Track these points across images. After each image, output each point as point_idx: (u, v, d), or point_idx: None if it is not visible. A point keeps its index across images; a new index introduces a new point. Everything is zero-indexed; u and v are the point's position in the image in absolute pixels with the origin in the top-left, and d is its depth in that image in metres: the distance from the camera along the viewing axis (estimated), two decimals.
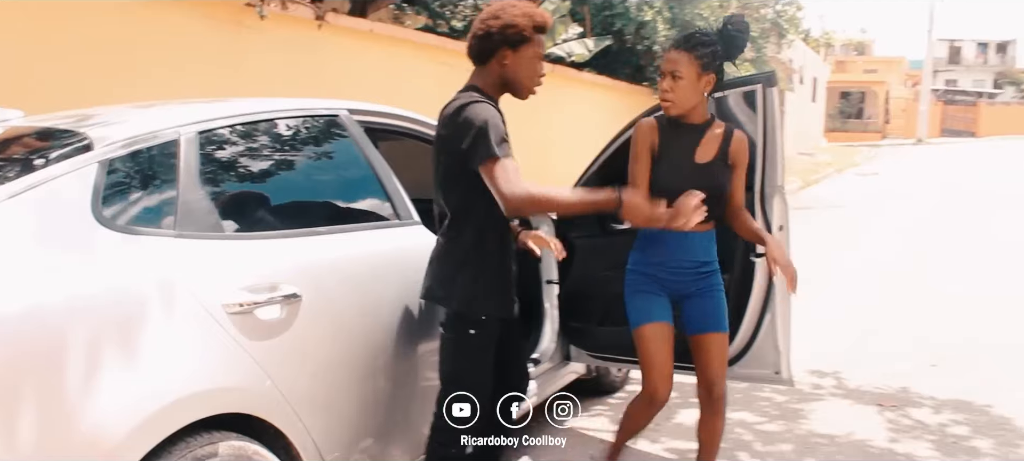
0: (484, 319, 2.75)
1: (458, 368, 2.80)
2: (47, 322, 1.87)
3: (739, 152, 3.05)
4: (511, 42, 2.80)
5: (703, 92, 2.98)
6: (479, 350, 2.79)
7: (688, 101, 2.96)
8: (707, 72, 2.94)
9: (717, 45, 2.96)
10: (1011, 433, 4.26)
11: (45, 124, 2.52)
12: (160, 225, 2.25)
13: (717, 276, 3.13)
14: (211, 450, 2.10)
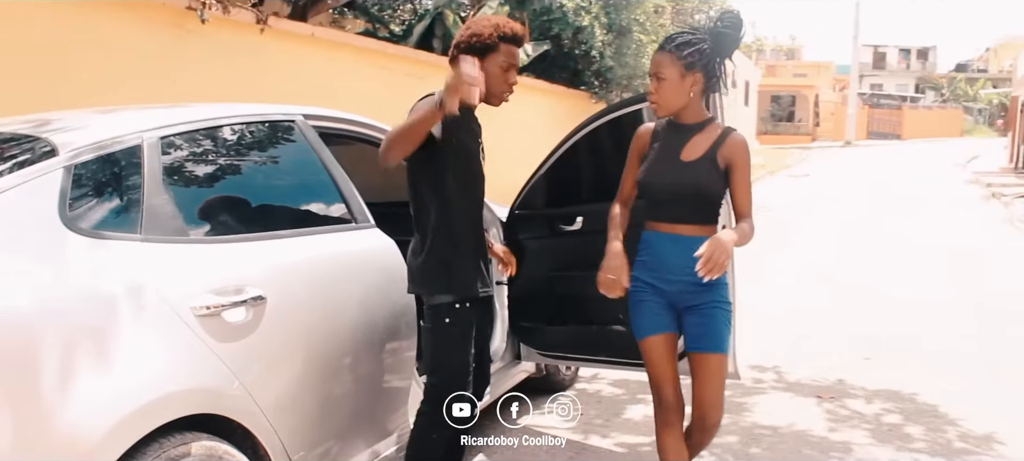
0: (450, 304, 2.88)
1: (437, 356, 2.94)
2: (20, 326, 1.89)
3: (733, 153, 2.89)
4: (477, 51, 2.92)
5: (689, 92, 2.88)
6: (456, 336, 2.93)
7: (673, 101, 2.90)
8: (692, 71, 2.86)
9: (702, 44, 2.87)
10: (939, 419, 4.47)
11: (3, 129, 2.51)
12: (126, 229, 2.27)
13: (720, 291, 2.96)
14: (184, 450, 2.13)
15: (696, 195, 2.89)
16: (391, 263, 3.19)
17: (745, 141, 2.95)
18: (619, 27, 15.77)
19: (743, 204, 2.93)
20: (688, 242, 2.83)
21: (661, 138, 2.99)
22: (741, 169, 2.91)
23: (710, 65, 2.89)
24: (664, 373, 2.96)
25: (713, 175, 2.89)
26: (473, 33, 2.96)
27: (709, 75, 2.91)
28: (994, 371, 5.39)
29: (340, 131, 3.40)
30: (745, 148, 2.93)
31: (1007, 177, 23.86)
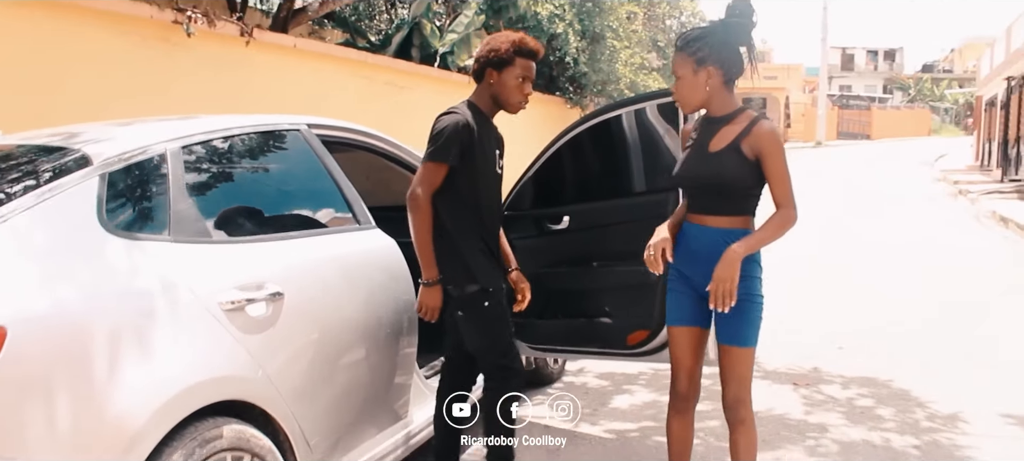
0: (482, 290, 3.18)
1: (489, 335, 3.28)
2: (72, 321, 2.06)
3: (759, 142, 2.86)
4: (495, 64, 3.25)
5: (705, 86, 2.92)
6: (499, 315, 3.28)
7: (692, 97, 2.96)
8: (703, 66, 2.90)
9: (711, 38, 2.92)
10: (909, 402, 4.72)
11: (34, 142, 2.68)
12: (156, 231, 2.45)
13: (747, 283, 2.91)
14: (217, 433, 2.31)
15: (719, 186, 2.91)
16: (393, 262, 3.39)
17: (773, 129, 2.92)
18: (593, 34, 16.03)
19: (776, 193, 2.90)
20: (714, 233, 2.92)
21: (697, 132, 3.05)
22: (770, 157, 2.87)
23: (723, 57, 2.92)
24: (680, 363, 3.09)
25: (737, 165, 2.88)
26: (491, 48, 3.28)
27: (725, 66, 2.93)
28: (959, 358, 5.67)
29: (340, 139, 3.59)
30: (773, 136, 2.89)
31: (973, 175, 24.40)
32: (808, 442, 4.15)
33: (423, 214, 3.14)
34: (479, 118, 3.27)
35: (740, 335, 2.95)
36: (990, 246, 11.33)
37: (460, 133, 3.14)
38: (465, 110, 3.25)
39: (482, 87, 3.36)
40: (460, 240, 3.20)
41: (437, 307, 3.21)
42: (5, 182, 2.33)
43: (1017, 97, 21.94)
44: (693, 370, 3.10)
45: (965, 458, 3.93)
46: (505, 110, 3.38)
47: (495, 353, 3.29)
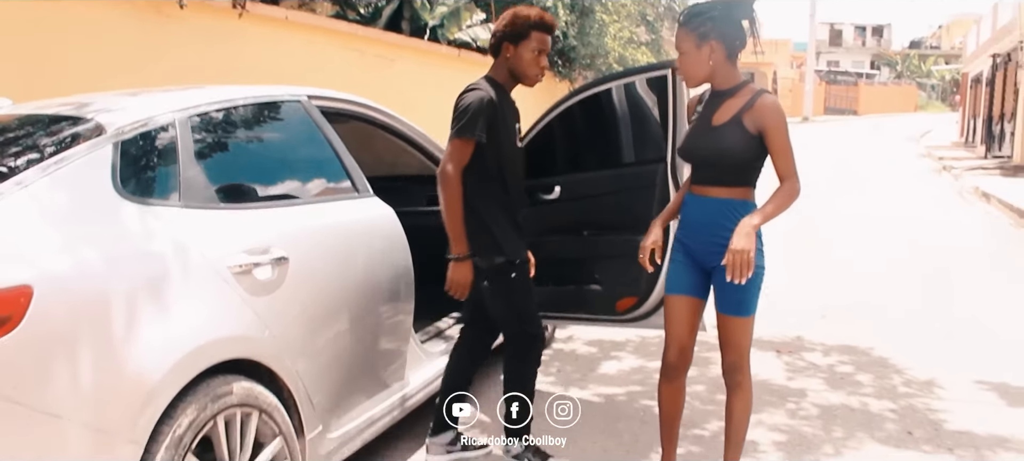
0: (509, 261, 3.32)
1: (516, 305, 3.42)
2: (92, 281, 2.17)
3: (761, 116, 2.92)
4: (511, 38, 3.35)
5: (708, 61, 2.98)
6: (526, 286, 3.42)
7: (695, 71, 3.03)
8: (706, 41, 2.96)
9: (712, 12, 2.97)
10: (887, 369, 4.89)
11: (47, 111, 2.78)
12: (167, 197, 2.55)
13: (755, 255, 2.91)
14: (227, 389, 2.43)
15: (719, 158, 2.98)
16: (391, 230, 3.51)
17: (776, 103, 2.97)
18: (582, 7, 16.10)
19: (780, 165, 2.96)
20: (714, 203, 3.01)
21: (703, 105, 3.14)
22: (772, 131, 2.92)
23: (725, 31, 2.97)
24: (673, 331, 3.16)
25: (738, 138, 2.94)
26: (507, 23, 3.37)
27: (728, 40, 2.98)
28: (937, 329, 5.83)
29: (339, 110, 3.68)
30: (775, 109, 2.94)
31: (958, 151, 24.64)
32: (789, 406, 4.31)
33: (454, 190, 3.22)
34: (499, 92, 3.38)
35: (743, 305, 3.05)
36: (972, 221, 11.52)
37: (485, 108, 3.24)
38: (486, 85, 3.35)
39: (499, 61, 3.44)
40: (486, 213, 3.31)
41: (467, 283, 3.29)
42: (23, 150, 2.43)
43: (1002, 74, 22.14)
44: (685, 339, 3.16)
45: (939, 421, 4.09)
46: (522, 83, 3.48)
47: (520, 321, 3.43)
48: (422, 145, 4.22)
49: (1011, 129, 20.36)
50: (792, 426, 4.04)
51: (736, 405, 3.18)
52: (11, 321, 1.92)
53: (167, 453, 2.21)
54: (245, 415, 2.51)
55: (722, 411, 4.00)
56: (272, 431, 2.63)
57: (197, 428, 2.30)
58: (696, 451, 3.77)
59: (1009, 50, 20.87)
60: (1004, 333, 5.72)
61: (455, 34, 12.98)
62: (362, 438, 3.25)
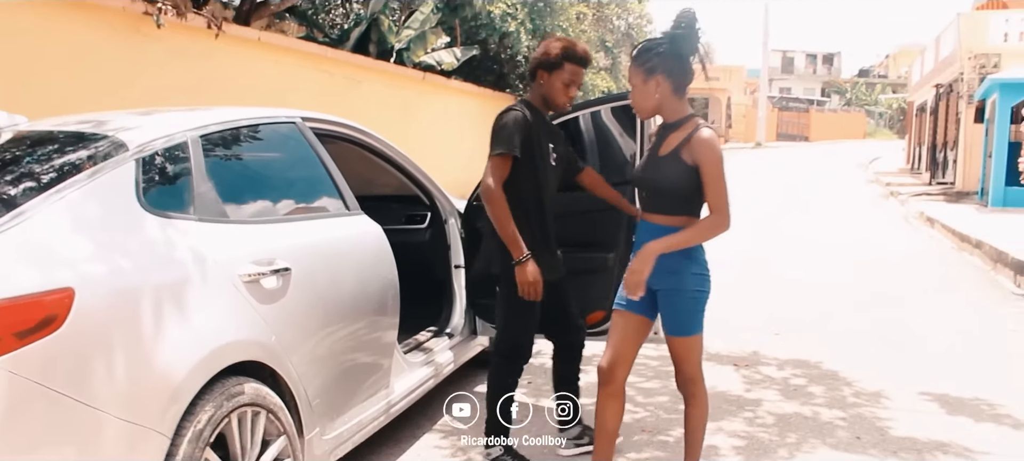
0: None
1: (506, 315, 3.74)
2: (124, 286, 2.36)
3: (695, 150, 3.05)
4: (546, 66, 3.65)
5: (655, 94, 3.15)
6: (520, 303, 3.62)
7: (644, 104, 3.21)
8: (652, 75, 3.13)
9: (659, 48, 3.13)
10: (838, 381, 5.20)
11: (69, 128, 2.96)
12: (184, 210, 2.76)
13: (683, 279, 3.16)
14: (239, 389, 2.63)
15: (659, 189, 3.17)
16: (379, 245, 3.73)
17: (708, 138, 3.08)
18: (543, 32, 16.42)
19: (709, 198, 3.08)
20: (657, 229, 3.16)
21: (655, 136, 3.33)
22: (704, 164, 3.05)
23: (671, 66, 3.13)
24: (612, 342, 3.31)
25: (676, 170, 3.10)
26: (544, 52, 3.68)
27: (673, 75, 3.14)
28: (884, 344, 6.19)
29: (328, 131, 3.90)
30: (707, 144, 3.06)
31: (904, 177, 25.42)
32: (746, 414, 4.59)
33: (500, 202, 3.52)
34: (535, 114, 3.68)
35: (684, 326, 3.22)
36: (916, 245, 12.01)
37: (520, 127, 3.55)
38: (523, 107, 3.66)
39: (534, 86, 3.74)
40: (523, 225, 3.57)
41: (539, 279, 3.56)
42: (53, 164, 2.61)
43: (945, 104, 22.94)
44: (621, 351, 3.29)
45: (885, 428, 4.39)
46: (553, 108, 3.76)
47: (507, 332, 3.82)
48: (403, 166, 4.44)
49: (953, 157, 21.11)
50: (750, 433, 4.32)
51: (693, 413, 3.39)
52: (57, 320, 2.12)
53: (189, 446, 2.41)
54: (255, 414, 2.71)
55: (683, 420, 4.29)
56: (277, 430, 2.83)
57: (214, 424, 2.50)
58: (661, 456, 4.02)
59: (951, 81, 21.65)
60: (946, 348, 6.10)
61: (421, 57, 13.23)
62: (353, 441, 3.45)
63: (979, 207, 16.08)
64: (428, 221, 5.01)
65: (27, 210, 2.29)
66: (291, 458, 2.91)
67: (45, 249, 2.25)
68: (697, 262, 3.20)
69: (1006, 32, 19.33)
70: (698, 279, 3.20)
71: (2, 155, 2.81)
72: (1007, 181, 16.02)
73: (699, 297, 3.21)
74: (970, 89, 19.08)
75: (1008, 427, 4.45)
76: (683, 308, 3.19)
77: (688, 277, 3.17)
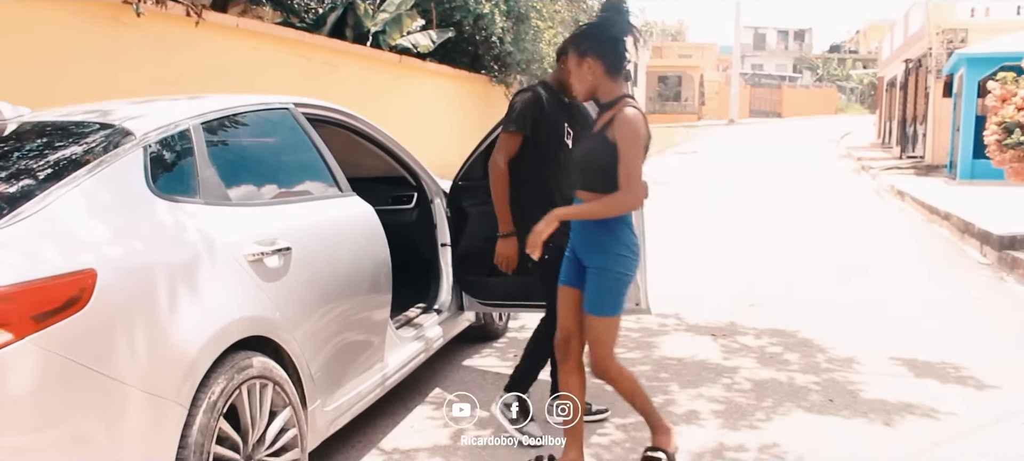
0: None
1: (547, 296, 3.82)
2: (140, 266, 2.50)
3: (616, 128, 3.15)
4: (564, 52, 3.81)
5: (587, 76, 3.27)
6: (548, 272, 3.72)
7: (578, 86, 3.35)
8: (585, 58, 3.25)
9: (589, 32, 3.29)
10: (812, 349, 5.42)
11: (76, 118, 3.08)
12: (190, 194, 2.89)
13: (602, 257, 3.26)
14: (248, 363, 2.78)
15: (584, 165, 3.31)
16: (371, 225, 3.88)
17: (629, 116, 3.16)
18: (518, 14, 16.53)
19: (619, 173, 3.15)
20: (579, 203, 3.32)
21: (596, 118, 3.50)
22: (620, 141, 3.14)
23: (602, 49, 3.25)
24: (559, 321, 3.49)
25: (601, 149, 3.21)
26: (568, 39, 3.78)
27: (605, 57, 3.25)
28: (855, 313, 6.42)
29: (319, 116, 4.02)
30: (624, 122, 3.15)
31: (875, 152, 25.82)
32: (725, 381, 4.79)
33: (502, 177, 3.81)
34: (550, 94, 3.87)
35: (596, 304, 3.29)
36: (888, 218, 12.30)
37: (532, 107, 3.78)
38: (538, 88, 3.86)
39: (556, 70, 3.94)
40: (527, 202, 3.78)
41: (514, 256, 3.85)
42: (67, 153, 2.74)
43: (914, 79, 23.28)
44: (567, 324, 3.45)
45: (856, 391, 4.61)
46: (565, 94, 3.93)
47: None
48: (390, 148, 4.58)
49: (923, 131, 21.48)
50: (728, 398, 4.51)
51: (620, 393, 3.49)
52: (82, 300, 2.25)
53: (204, 416, 2.55)
54: (263, 386, 2.86)
55: (666, 388, 4.51)
56: (283, 401, 2.98)
57: (227, 396, 2.65)
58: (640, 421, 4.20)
59: (920, 56, 22.00)
60: (915, 316, 6.35)
61: (396, 40, 13.30)
62: (351, 412, 3.61)
63: (948, 180, 16.40)
64: (415, 201, 5.15)
65: (48, 197, 2.42)
66: (296, 428, 3.05)
67: (66, 233, 2.38)
68: (622, 243, 3.28)
69: (973, 7, 19.68)
70: (623, 261, 3.28)
71: (16, 145, 2.94)
72: (974, 154, 16.30)
73: (621, 279, 3.29)
74: (938, 64, 19.40)
75: (972, 389, 4.68)
76: (604, 287, 3.28)
77: (613, 257, 3.27)
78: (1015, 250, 8.47)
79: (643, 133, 3.18)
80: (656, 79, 46.15)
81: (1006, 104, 8.75)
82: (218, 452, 2.64)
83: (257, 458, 2.86)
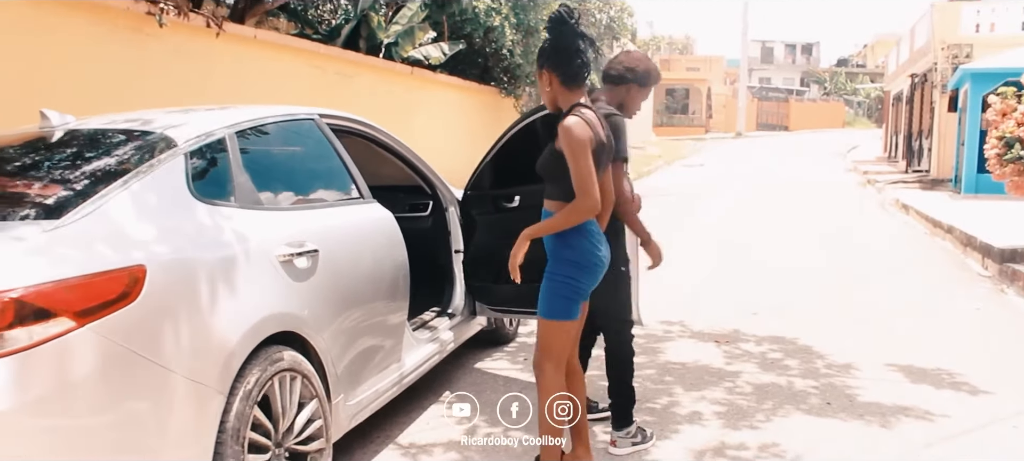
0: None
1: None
2: (184, 263, 2.71)
3: (560, 137, 3.24)
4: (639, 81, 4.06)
5: (547, 87, 3.40)
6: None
7: (545, 97, 3.47)
8: (542, 72, 3.38)
9: (543, 48, 3.40)
10: (811, 355, 5.60)
11: (119, 126, 3.30)
12: (226, 198, 3.10)
13: (555, 264, 3.38)
14: (280, 356, 2.99)
15: (543, 176, 3.43)
16: (391, 230, 4.09)
17: (569, 124, 3.22)
18: (527, 27, 16.74)
19: (573, 182, 3.22)
20: (545, 214, 3.42)
21: None
22: (565, 150, 3.22)
23: (555, 61, 3.35)
24: None
25: (550, 158, 3.34)
26: (629, 66, 4.09)
27: (559, 69, 3.34)
28: (855, 322, 6.61)
29: (341, 126, 4.24)
30: (565, 130, 3.22)
31: (881, 166, 25.97)
32: (726, 384, 4.98)
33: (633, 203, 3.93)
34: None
35: (544, 307, 3.41)
36: (891, 231, 12.47)
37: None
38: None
39: (619, 91, 4.08)
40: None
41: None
42: (115, 158, 2.96)
43: (920, 93, 23.45)
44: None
45: (853, 395, 4.79)
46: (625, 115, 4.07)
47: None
48: (407, 158, 4.79)
49: (928, 145, 21.63)
50: (730, 400, 4.70)
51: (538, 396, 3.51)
52: (134, 293, 2.46)
53: (241, 403, 2.76)
54: (292, 378, 3.06)
55: (670, 391, 4.70)
56: (310, 394, 3.18)
57: (261, 385, 2.86)
58: (650, 419, 4.39)
59: (925, 71, 22.17)
60: (914, 325, 6.53)
61: (409, 52, 13.54)
62: (370, 408, 3.81)
63: (953, 194, 16.56)
64: (430, 209, 5.35)
65: (101, 199, 2.64)
66: (321, 419, 3.25)
67: (118, 232, 2.60)
68: (571, 248, 3.34)
69: (978, 23, 19.83)
70: (568, 266, 3.35)
71: (67, 150, 3.16)
72: (979, 169, 16.42)
73: (565, 284, 3.35)
74: (943, 79, 19.58)
75: (965, 393, 4.85)
76: (548, 290, 3.38)
77: (562, 263, 3.35)
78: (1016, 263, 8.63)
79: (585, 137, 3.21)
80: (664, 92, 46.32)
81: (1006, 119, 8.91)
82: (252, 438, 2.84)
83: (286, 445, 3.07)
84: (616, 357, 4.11)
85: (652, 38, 36.14)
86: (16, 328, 2.21)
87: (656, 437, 4.12)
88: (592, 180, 3.20)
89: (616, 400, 4.09)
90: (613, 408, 4.10)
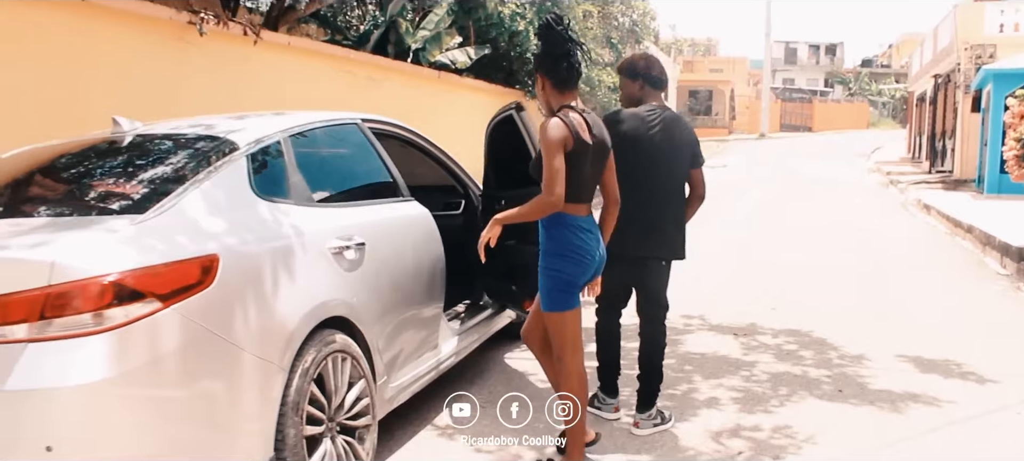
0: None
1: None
2: (251, 254, 3.03)
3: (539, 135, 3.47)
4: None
5: (541, 91, 3.61)
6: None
7: (540, 99, 3.66)
8: (537, 76, 3.60)
9: (536, 54, 3.64)
10: (825, 347, 5.86)
11: (183, 131, 3.63)
12: (283, 196, 3.42)
13: (546, 257, 3.59)
14: (332, 339, 3.30)
15: (533, 177, 3.62)
16: (429, 226, 4.41)
17: (544, 125, 3.43)
18: None
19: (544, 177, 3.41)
20: None
21: None
22: (541, 149, 3.43)
23: (544, 65, 3.57)
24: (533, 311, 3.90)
25: (540, 159, 3.48)
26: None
27: (549, 73, 3.55)
28: (870, 316, 6.86)
29: (382, 130, 4.55)
30: (541, 131, 3.43)
31: (904, 166, 26.00)
32: (743, 373, 5.25)
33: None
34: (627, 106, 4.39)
35: (543, 300, 3.65)
36: (912, 231, 12.66)
37: None
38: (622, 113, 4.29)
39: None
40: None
41: None
42: (186, 159, 3.29)
43: (943, 94, 23.50)
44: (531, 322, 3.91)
45: (864, 383, 5.05)
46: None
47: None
48: (442, 159, 5.11)
49: (952, 146, 21.70)
50: (747, 387, 4.97)
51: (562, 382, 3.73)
52: (209, 278, 2.78)
53: (300, 380, 3.08)
54: (343, 359, 3.38)
55: (690, 379, 4.97)
56: (358, 374, 3.49)
57: (316, 365, 3.17)
58: (670, 404, 4.66)
59: (948, 71, 22.23)
60: (928, 319, 6.77)
61: (436, 57, 13.86)
62: (410, 391, 4.12)
63: (975, 194, 16.67)
64: (462, 208, 5.65)
65: (177, 196, 2.97)
66: (368, 398, 3.56)
67: (194, 225, 2.92)
68: (552, 239, 3.57)
69: (1001, 23, 19.90)
70: (551, 257, 3.57)
71: (140, 153, 3.51)
72: (1002, 169, 16.55)
73: (553, 275, 3.57)
74: (967, 79, 19.66)
75: (973, 383, 5.10)
76: (542, 285, 3.63)
77: (545, 254, 3.59)
78: None
79: (557, 137, 3.38)
80: (687, 93, 46.44)
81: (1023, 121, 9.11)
82: (309, 411, 3.15)
83: (338, 420, 3.38)
84: (656, 343, 4.42)
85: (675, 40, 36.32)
86: (115, 307, 2.53)
87: (676, 420, 4.40)
88: (558, 177, 3.36)
89: (646, 385, 4.37)
90: (640, 392, 4.38)
